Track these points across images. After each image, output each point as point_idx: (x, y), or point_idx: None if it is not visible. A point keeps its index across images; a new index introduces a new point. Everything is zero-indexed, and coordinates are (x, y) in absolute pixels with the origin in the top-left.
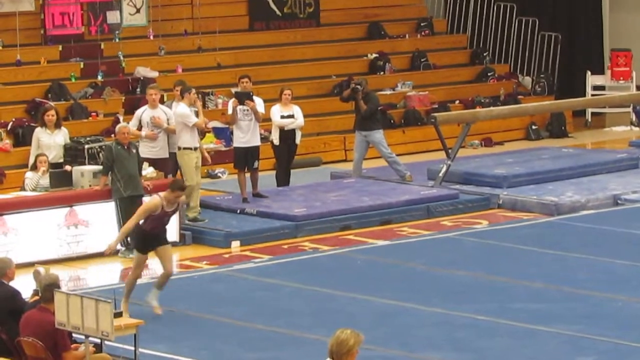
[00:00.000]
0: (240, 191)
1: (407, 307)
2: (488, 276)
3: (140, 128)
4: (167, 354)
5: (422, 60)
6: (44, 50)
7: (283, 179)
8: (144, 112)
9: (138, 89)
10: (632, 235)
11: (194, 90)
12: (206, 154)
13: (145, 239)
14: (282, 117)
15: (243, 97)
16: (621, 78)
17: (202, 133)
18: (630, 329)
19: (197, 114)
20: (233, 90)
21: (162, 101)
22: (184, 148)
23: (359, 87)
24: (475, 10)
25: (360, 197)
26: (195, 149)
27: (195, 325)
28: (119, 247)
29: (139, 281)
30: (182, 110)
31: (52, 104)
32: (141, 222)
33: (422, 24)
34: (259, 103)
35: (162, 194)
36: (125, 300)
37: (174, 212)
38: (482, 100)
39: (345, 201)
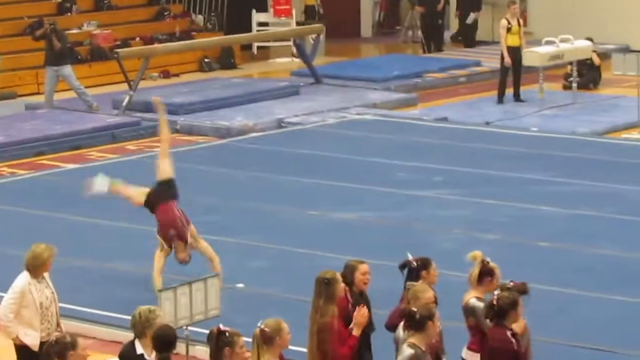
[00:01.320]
0: None
1: (97, 222)
2: None
3: None
4: None
5: (106, 2)
6: None
7: None
8: None
9: None
10: (294, 154)
11: None
12: None
13: None
14: None
15: None
16: (282, 15)
17: None
18: (293, 236)
19: None
20: None
21: None
22: None
23: (53, 26)
24: None
25: (52, 125)
26: None
27: None
28: None
29: None
30: None
31: None
32: None
33: None
34: None
35: None
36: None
37: None
38: (160, 37)
39: (39, 130)
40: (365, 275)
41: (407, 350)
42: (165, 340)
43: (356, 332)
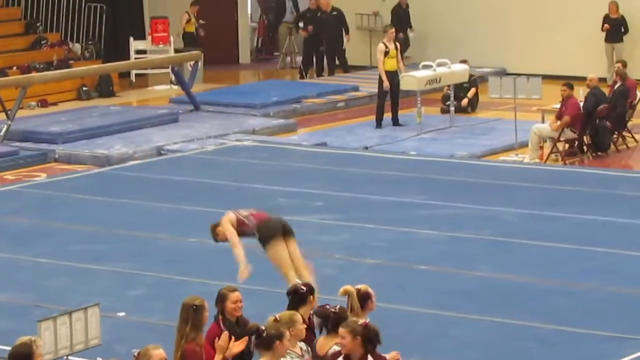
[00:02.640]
0: None
1: None
2: (48, 223)
3: None
4: None
5: None
6: None
7: None
8: None
9: None
10: (173, 181)
11: None
12: None
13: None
14: None
15: None
16: (160, 43)
17: None
18: (173, 263)
19: None
20: None
21: None
22: None
23: None
24: None
25: None
26: None
27: None
28: None
29: None
30: None
31: None
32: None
33: None
34: None
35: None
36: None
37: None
38: (37, 66)
39: None
40: (237, 304)
41: None
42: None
43: (217, 357)
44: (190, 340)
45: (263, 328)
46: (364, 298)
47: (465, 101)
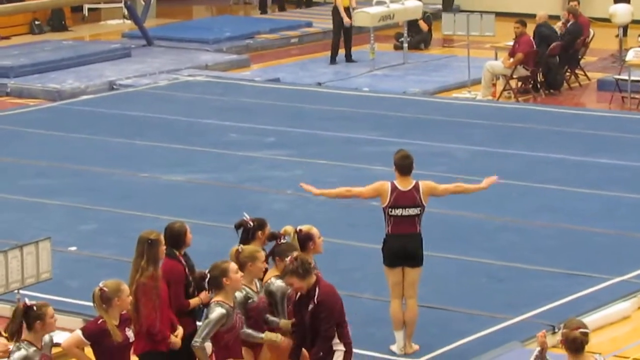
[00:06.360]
0: None
1: None
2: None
3: None
4: None
5: None
6: None
7: None
8: None
9: None
10: (126, 116)
11: None
12: None
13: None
14: None
15: None
16: None
17: None
18: (125, 199)
19: None
20: None
21: None
22: None
23: None
24: None
25: None
26: None
27: None
28: None
29: None
30: None
31: None
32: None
33: None
34: None
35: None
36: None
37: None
38: None
39: None
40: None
41: (218, 309)
42: None
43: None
44: (146, 274)
45: (205, 272)
46: (304, 239)
47: (422, 24)
